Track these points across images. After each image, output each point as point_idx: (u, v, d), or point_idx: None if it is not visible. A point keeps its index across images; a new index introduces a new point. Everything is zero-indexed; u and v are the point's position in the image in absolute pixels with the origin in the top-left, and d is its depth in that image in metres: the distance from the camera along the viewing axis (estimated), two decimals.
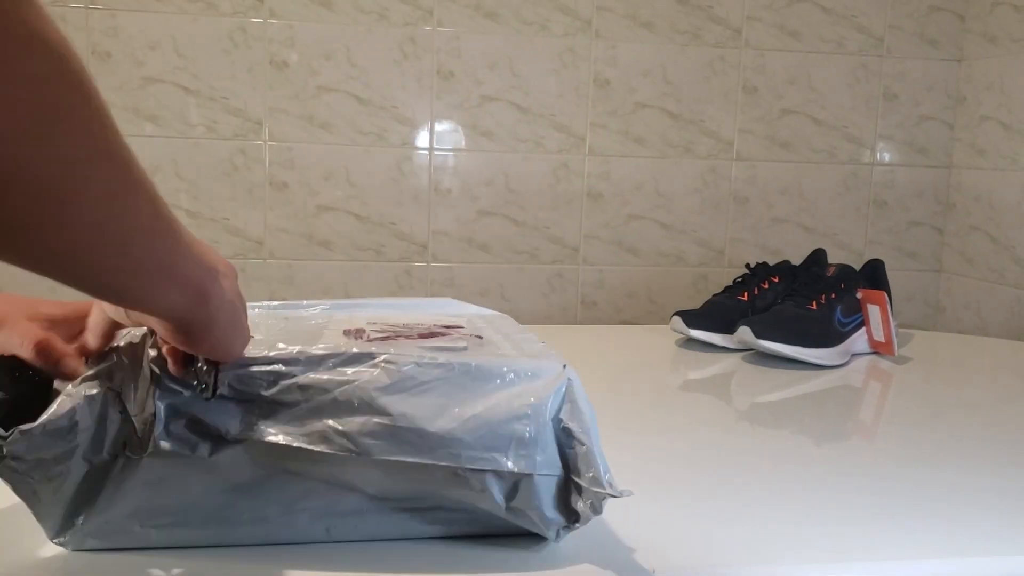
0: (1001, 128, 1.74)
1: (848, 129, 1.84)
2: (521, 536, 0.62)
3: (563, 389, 0.60)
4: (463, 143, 1.72)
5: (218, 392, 0.55)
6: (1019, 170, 1.69)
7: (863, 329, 1.31)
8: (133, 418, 0.55)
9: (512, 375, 0.59)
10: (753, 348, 1.26)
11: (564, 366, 0.61)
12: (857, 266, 1.42)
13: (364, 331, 0.67)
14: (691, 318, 1.33)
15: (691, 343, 1.34)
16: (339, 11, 1.65)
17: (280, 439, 0.55)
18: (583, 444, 0.59)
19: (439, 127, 1.71)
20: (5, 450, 0.53)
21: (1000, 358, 1.37)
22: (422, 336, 0.67)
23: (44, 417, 0.54)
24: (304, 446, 0.55)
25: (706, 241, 1.83)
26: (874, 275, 1.41)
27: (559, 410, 0.59)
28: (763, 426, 0.97)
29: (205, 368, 0.55)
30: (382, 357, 0.58)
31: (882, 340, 1.28)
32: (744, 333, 1.24)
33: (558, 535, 0.61)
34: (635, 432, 0.91)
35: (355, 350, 0.58)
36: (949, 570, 0.64)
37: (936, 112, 1.86)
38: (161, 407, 0.55)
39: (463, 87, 1.71)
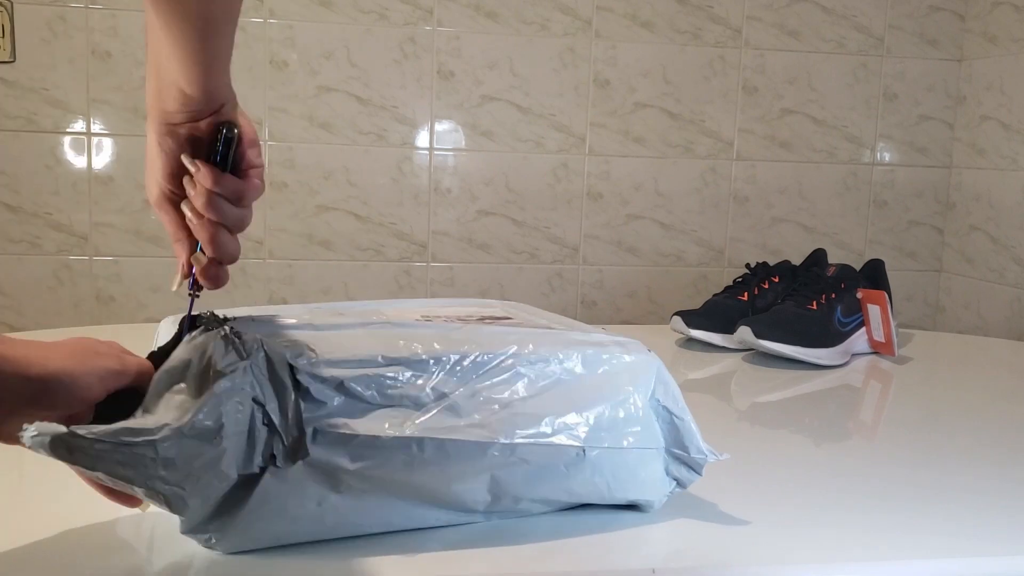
0: (1001, 128, 1.74)
1: (848, 129, 1.84)
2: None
3: (654, 370, 0.66)
4: (463, 143, 1.72)
5: None
6: (1019, 170, 1.69)
7: (863, 329, 1.31)
8: (280, 429, 0.55)
9: (611, 362, 0.65)
10: (753, 348, 1.25)
11: (650, 350, 0.67)
12: (857, 266, 1.42)
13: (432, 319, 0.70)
14: (691, 318, 1.33)
15: (691, 343, 1.34)
16: (339, 11, 1.65)
17: (428, 435, 0.58)
18: (681, 419, 0.66)
19: (439, 127, 1.71)
20: (160, 457, 0.51)
21: (1000, 358, 1.37)
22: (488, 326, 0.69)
23: (189, 415, 0.52)
24: (457, 438, 0.58)
25: (706, 241, 1.83)
26: (874, 275, 1.41)
27: (654, 390, 0.65)
28: (763, 426, 0.97)
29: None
30: (507, 356, 0.62)
31: (882, 340, 1.28)
32: (744, 333, 1.23)
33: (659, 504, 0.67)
34: None
35: (480, 352, 0.61)
36: (949, 570, 0.64)
37: (936, 112, 1.86)
38: (306, 417, 0.56)
39: (463, 87, 1.71)
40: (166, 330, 0.63)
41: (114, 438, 0.50)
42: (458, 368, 0.60)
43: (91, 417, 0.56)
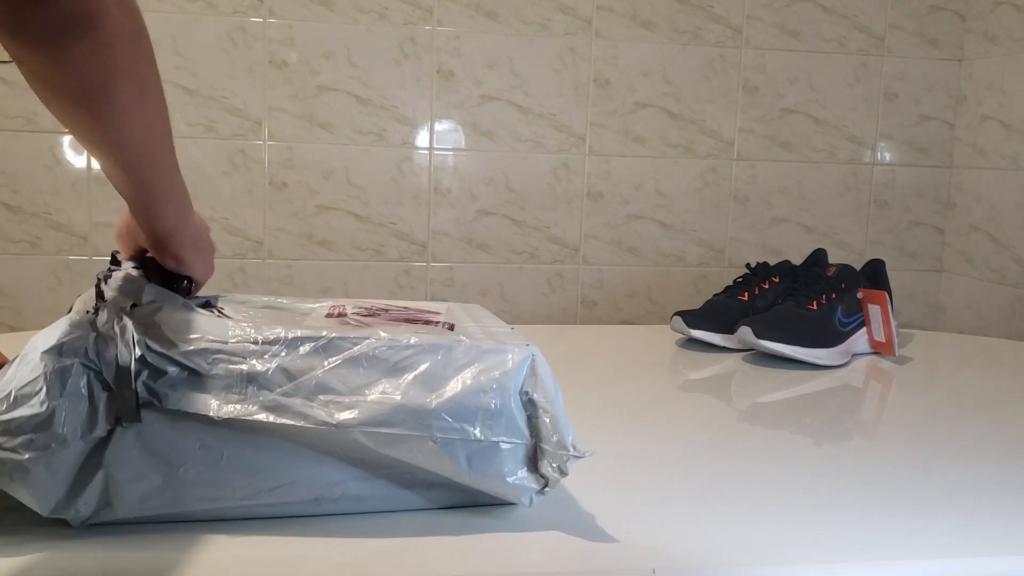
0: (1002, 128, 1.74)
1: (848, 129, 1.84)
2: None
3: (526, 364, 0.65)
4: (463, 143, 1.72)
5: (190, 297, 0.68)
6: (1020, 170, 1.69)
7: (863, 329, 1.30)
8: (119, 393, 0.58)
9: (479, 353, 0.64)
10: (753, 348, 1.25)
11: (528, 344, 0.66)
12: (858, 266, 1.42)
13: (346, 313, 0.72)
14: (691, 318, 1.32)
15: (691, 343, 1.34)
16: (339, 11, 1.65)
17: (262, 417, 0.59)
18: (547, 412, 0.64)
19: (439, 127, 1.71)
20: None
21: (1000, 358, 1.37)
22: (397, 320, 0.71)
23: (15, 379, 0.55)
24: (288, 422, 0.59)
25: (706, 241, 1.82)
26: (875, 275, 1.41)
27: (523, 383, 0.64)
28: (763, 426, 0.97)
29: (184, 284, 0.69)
30: (361, 342, 0.63)
31: (882, 340, 1.28)
32: (744, 333, 1.23)
33: (531, 501, 0.65)
34: (635, 432, 0.91)
35: (334, 335, 0.63)
36: (949, 570, 0.64)
37: (937, 112, 1.86)
38: (144, 386, 0.58)
39: (463, 87, 1.71)
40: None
41: None
42: (301, 353, 0.61)
43: None
